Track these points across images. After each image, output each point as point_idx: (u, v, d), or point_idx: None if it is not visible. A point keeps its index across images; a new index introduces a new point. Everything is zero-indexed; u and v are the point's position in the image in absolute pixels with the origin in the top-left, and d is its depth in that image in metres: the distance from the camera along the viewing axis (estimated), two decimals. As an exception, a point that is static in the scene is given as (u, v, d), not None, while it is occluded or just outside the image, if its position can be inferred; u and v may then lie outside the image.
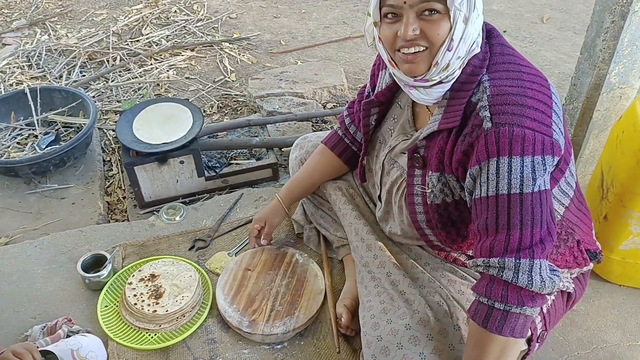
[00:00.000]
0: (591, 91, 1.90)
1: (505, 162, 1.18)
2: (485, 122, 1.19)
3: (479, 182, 1.23)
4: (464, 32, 1.21)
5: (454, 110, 1.28)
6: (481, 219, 1.24)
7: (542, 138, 1.18)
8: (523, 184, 1.18)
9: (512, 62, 1.28)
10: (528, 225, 1.19)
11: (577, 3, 4.03)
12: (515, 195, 1.18)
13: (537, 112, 1.19)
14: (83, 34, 3.65)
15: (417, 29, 1.20)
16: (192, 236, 2.08)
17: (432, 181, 1.36)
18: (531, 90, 1.22)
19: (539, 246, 1.20)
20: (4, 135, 2.61)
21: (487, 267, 1.22)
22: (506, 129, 1.17)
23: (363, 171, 1.71)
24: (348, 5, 4.05)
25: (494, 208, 1.21)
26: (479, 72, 1.26)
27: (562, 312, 1.52)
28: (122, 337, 1.72)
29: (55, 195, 2.40)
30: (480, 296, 1.24)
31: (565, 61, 3.33)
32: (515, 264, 1.19)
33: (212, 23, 3.81)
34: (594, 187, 1.89)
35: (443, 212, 1.38)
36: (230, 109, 3.03)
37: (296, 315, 1.74)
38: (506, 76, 1.25)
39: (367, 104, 1.56)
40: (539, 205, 1.19)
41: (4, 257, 2.02)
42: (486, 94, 1.23)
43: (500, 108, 1.19)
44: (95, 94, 3.09)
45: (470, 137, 1.23)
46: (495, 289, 1.21)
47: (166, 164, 2.25)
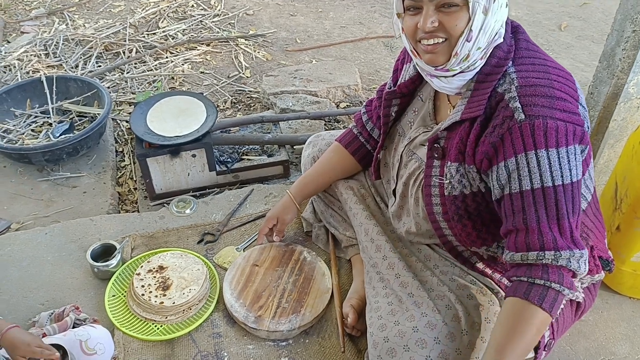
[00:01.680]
0: (608, 100, 1.88)
1: (544, 155, 1.20)
2: (518, 114, 1.21)
3: (518, 176, 1.23)
4: (484, 23, 1.23)
5: (478, 100, 1.29)
6: (528, 213, 1.23)
7: (573, 128, 1.21)
8: (563, 175, 1.21)
9: (537, 56, 1.31)
10: (572, 214, 1.23)
11: (596, 12, 4.01)
12: (559, 187, 1.22)
13: (565, 103, 1.22)
14: (100, 24, 3.67)
15: (436, 21, 1.23)
16: (201, 230, 2.08)
17: (450, 172, 1.36)
18: (558, 82, 1.25)
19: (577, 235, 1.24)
20: (19, 122, 2.62)
21: (557, 260, 1.23)
22: (540, 122, 1.19)
23: (378, 166, 1.70)
24: (365, 6, 4.05)
25: (542, 200, 1.22)
26: (504, 64, 1.28)
27: (570, 322, 1.51)
28: (129, 327, 1.73)
29: (67, 184, 2.41)
30: (520, 277, 1.25)
31: (583, 70, 3.31)
32: (579, 255, 1.23)
33: (229, 19, 3.81)
34: (608, 197, 1.88)
35: (460, 204, 1.37)
36: (243, 104, 3.03)
37: (302, 313, 1.74)
38: (532, 68, 1.27)
39: (389, 94, 1.57)
40: (577, 195, 1.24)
41: (15, 243, 2.03)
42: (514, 85, 1.24)
43: (530, 100, 1.22)
44: (110, 84, 3.10)
45: (501, 129, 1.24)
46: (566, 279, 1.24)
47: (178, 157, 2.25)
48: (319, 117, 2.72)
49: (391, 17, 3.86)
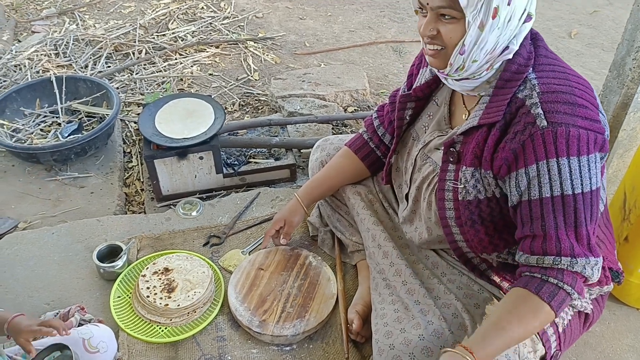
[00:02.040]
0: (618, 110, 1.87)
1: (565, 163, 1.21)
2: (540, 120, 1.22)
3: (538, 182, 1.24)
4: (480, 38, 1.23)
5: (497, 106, 1.29)
6: (547, 219, 1.24)
7: (594, 136, 1.22)
8: (583, 183, 1.22)
9: (556, 63, 1.31)
10: (590, 222, 1.25)
11: (607, 20, 3.99)
12: (578, 195, 1.23)
13: (587, 110, 1.23)
14: (110, 25, 3.69)
15: (435, 29, 1.27)
16: (207, 232, 2.08)
17: (465, 176, 1.36)
18: (579, 90, 1.26)
19: (593, 242, 1.26)
20: (28, 121, 2.64)
21: (574, 265, 1.24)
22: (563, 129, 1.20)
23: (389, 171, 1.70)
24: (374, 10, 4.05)
25: (561, 208, 1.23)
26: (524, 70, 1.28)
27: (578, 334, 1.50)
28: (133, 329, 1.73)
29: (74, 184, 2.42)
30: (533, 273, 1.26)
31: (592, 78, 3.29)
32: (595, 263, 1.25)
33: (238, 21, 3.82)
34: (616, 208, 1.86)
35: (474, 209, 1.37)
36: (251, 107, 3.03)
37: (307, 318, 1.74)
38: (553, 75, 1.28)
39: (404, 97, 1.57)
40: (596, 203, 1.25)
41: (22, 242, 2.04)
42: (535, 91, 1.25)
43: (552, 106, 1.22)
44: (119, 85, 3.12)
45: (523, 135, 1.24)
46: (578, 284, 1.25)
47: (185, 159, 2.26)
48: (326, 121, 2.71)
49: (400, 22, 3.87)
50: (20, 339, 1.41)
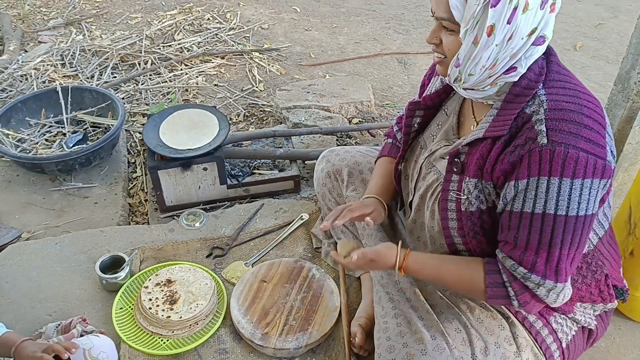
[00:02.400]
0: (623, 123, 1.86)
1: (556, 183, 1.20)
2: (541, 137, 1.21)
3: (524, 197, 1.24)
4: (474, 53, 1.23)
5: (504, 120, 1.29)
6: (522, 232, 1.26)
7: (594, 161, 1.20)
8: (569, 207, 1.21)
9: (568, 80, 1.30)
10: (567, 246, 1.24)
11: (612, 33, 3.99)
12: (560, 217, 1.22)
13: (592, 132, 1.21)
14: (117, 36, 3.71)
15: (438, 38, 1.30)
16: (211, 244, 2.08)
17: (468, 187, 1.35)
18: (587, 109, 1.24)
19: (571, 267, 1.27)
20: (34, 131, 2.65)
21: (526, 279, 1.27)
22: (562, 149, 1.19)
23: (399, 178, 1.69)
24: (379, 22, 4.06)
25: (539, 226, 1.24)
26: (535, 86, 1.27)
27: (582, 349, 1.49)
28: (135, 341, 1.73)
29: (78, 194, 2.42)
30: (509, 284, 1.30)
31: (597, 90, 3.28)
32: (552, 287, 1.26)
33: (244, 32, 3.84)
34: (621, 222, 1.85)
35: (476, 220, 1.37)
36: (256, 118, 3.04)
37: (309, 331, 1.73)
38: (563, 92, 1.27)
39: (413, 105, 1.58)
40: (580, 229, 1.23)
41: (25, 252, 2.04)
42: (543, 107, 1.24)
43: (557, 124, 1.21)
44: (124, 95, 3.13)
45: (522, 150, 1.23)
46: (523, 296, 1.29)
47: (189, 170, 2.26)
48: (331, 133, 2.71)
49: (405, 34, 3.88)
50: None
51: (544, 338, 1.43)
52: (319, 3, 4.28)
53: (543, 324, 1.44)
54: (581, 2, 4.38)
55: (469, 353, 1.37)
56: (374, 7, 4.25)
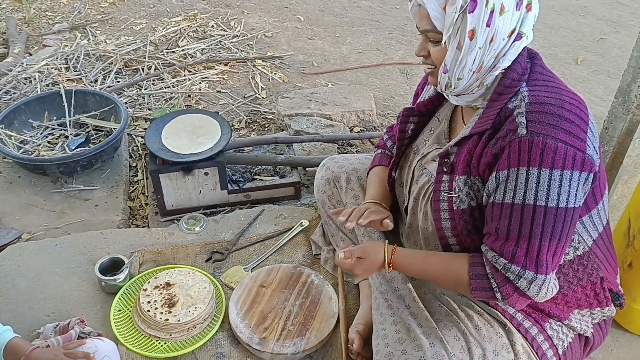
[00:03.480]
0: (623, 136, 1.87)
1: (535, 174, 1.22)
2: (521, 128, 1.24)
3: (504, 188, 1.27)
4: (459, 58, 1.29)
5: (487, 116, 1.33)
6: (503, 222, 1.29)
7: (573, 152, 1.21)
8: (549, 198, 1.23)
9: (551, 80, 1.34)
10: (547, 238, 1.25)
11: (613, 47, 4.01)
12: (540, 207, 1.24)
13: (572, 125, 1.23)
14: (121, 41, 3.73)
15: (425, 50, 1.37)
16: (210, 248, 2.08)
17: (458, 185, 1.38)
18: (569, 104, 1.27)
19: (553, 260, 1.27)
20: (36, 133, 2.66)
21: (507, 270, 1.29)
22: (540, 139, 1.21)
23: (393, 185, 1.70)
24: (382, 32, 4.08)
25: (519, 216, 1.26)
26: (517, 85, 1.31)
27: (578, 357, 1.48)
28: (133, 343, 1.73)
29: (79, 196, 2.43)
30: (492, 275, 1.32)
31: (598, 104, 3.30)
32: (532, 278, 1.27)
33: (248, 40, 3.86)
34: (620, 234, 1.85)
35: (468, 218, 1.39)
36: (258, 125, 3.05)
37: (307, 337, 1.73)
38: (545, 89, 1.30)
39: (407, 111, 1.62)
40: (561, 221, 1.24)
41: (24, 253, 2.05)
42: (524, 102, 1.28)
43: (536, 116, 1.24)
44: (127, 100, 3.14)
45: (503, 141, 1.27)
46: (505, 288, 1.30)
47: (191, 174, 2.27)
48: (332, 141, 2.73)
49: (408, 45, 3.90)
50: None
51: (539, 344, 1.43)
52: (322, 12, 4.30)
53: (539, 330, 1.44)
54: (583, 16, 4.41)
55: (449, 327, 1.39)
56: (377, 17, 4.27)
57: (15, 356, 1.42)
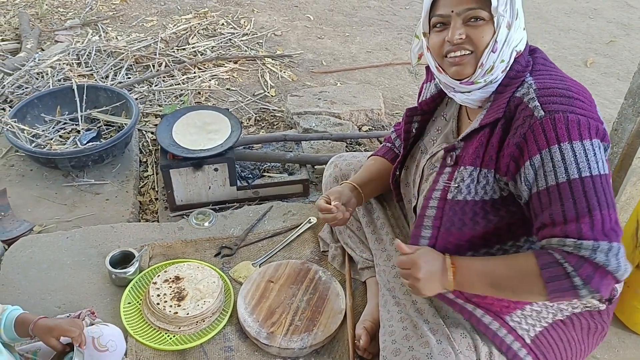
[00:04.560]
0: (632, 137, 1.88)
1: (568, 148, 1.22)
2: (537, 111, 1.25)
3: (544, 172, 1.24)
4: (507, 36, 1.29)
5: (497, 106, 1.33)
6: (555, 209, 1.23)
7: (595, 123, 1.24)
8: (590, 167, 1.21)
9: (554, 70, 1.36)
10: (605, 206, 1.21)
11: (623, 50, 4.00)
12: (587, 178, 1.21)
13: (584, 104, 1.26)
14: (132, 38, 3.76)
15: (463, 33, 1.30)
16: (219, 243, 2.10)
17: (462, 176, 1.36)
18: (575, 88, 1.29)
19: (617, 226, 1.22)
20: (49, 127, 2.69)
21: (579, 248, 1.20)
22: (561, 115, 1.22)
23: (398, 185, 1.71)
24: (392, 32, 4.09)
25: (569, 194, 1.21)
26: (522, 75, 1.33)
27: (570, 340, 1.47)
28: (142, 335, 1.74)
29: (90, 190, 2.45)
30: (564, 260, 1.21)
31: (607, 107, 3.30)
32: (609, 248, 1.19)
33: (257, 38, 3.88)
34: (628, 235, 1.86)
35: (458, 211, 1.36)
36: (267, 122, 3.07)
37: (314, 332, 1.74)
38: (550, 78, 1.32)
39: (410, 111, 1.62)
40: (608, 187, 1.23)
41: (36, 245, 2.07)
42: (532, 88, 1.29)
43: (549, 99, 1.26)
44: (138, 96, 3.17)
45: (523, 128, 1.26)
46: (584, 269, 1.19)
47: (200, 170, 2.29)
48: (340, 139, 2.74)
49: (417, 45, 3.90)
50: (50, 339, 1.44)
51: (502, 339, 1.42)
52: (332, 12, 4.32)
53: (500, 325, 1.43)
54: (593, 19, 4.41)
55: (474, 358, 1.38)
56: (387, 17, 4.28)
57: (25, 327, 1.46)
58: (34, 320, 1.45)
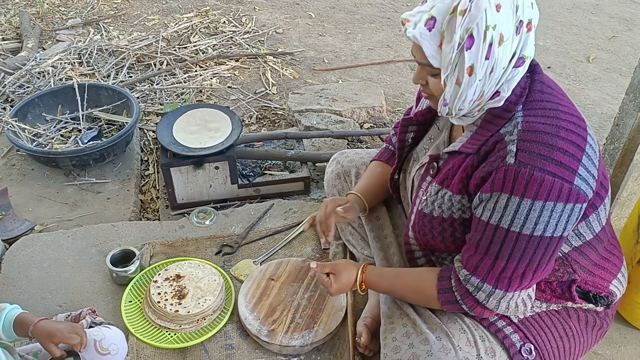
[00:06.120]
0: (634, 133, 1.87)
1: (516, 202, 1.23)
2: (509, 157, 1.23)
3: (485, 207, 1.28)
4: (459, 92, 1.25)
5: (478, 139, 1.33)
6: (476, 236, 1.32)
7: (560, 184, 1.20)
8: (524, 226, 1.24)
9: (550, 100, 1.30)
10: (515, 261, 1.28)
11: (625, 45, 3.98)
12: (513, 233, 1.25)
13: (565, 155, 1.22)
14: (134, 36, 3.76)
15: (423, 80, 1.33)
16: (220, 241, 2.10)
17: (431, 191, 1.41)
18: (565, 130, 1.24)
19: (519, 280, 1.30)
20: (50, 126, 2.69)
21: (467, 282, 1.34)
22: (527, 171, 1.21)
23: (397, 188, 1.72)
24: (394, 29, 4.08)
25: (490, 235, 1.29)
26: (513, 109, 1.29)
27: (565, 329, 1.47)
28: (143, 334, 1.75)
29: (91, 189, 2.46)
30: (456, 288, 1.36)
31: (609, 102, 3.28)
32: (490, 291, 1.32)
33: (259, 36, 3.87)
34: (629, 231, 1.85)
35: (427, 223, 1.43)
36: (268, 120, 3.07)
37: (315, 330, 1.74)
38: (542, 114, 1.27)
39: (406, 121, 1.62)
40: (534, 248, 1.26)
41: (37, 244, 2.08)
42: (517, 129, 1.26)
43: (528, 145, 1.23)
44: (139, 95, 3.17)
45: (491, 166, 1.27)
46: (468, 300, 1.35)
47: (201, 168, 2.28)
48: (342, 136, 2.74)
49: (419, 42, 3.89)
50: (50, 344, 1.43)
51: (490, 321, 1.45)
52: (333, 9, 4.31)
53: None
54: (595, 14, 4.39)
55: (474, 354, 1.38)
56: (388, 14, 4.27)
57: (25, 327, 1.45)
58: (34, 321, 1.45)
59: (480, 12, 1.16)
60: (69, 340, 1.43)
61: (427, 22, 1.22)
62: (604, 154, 1.97)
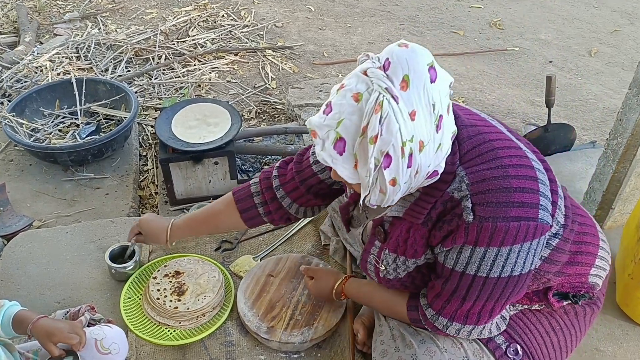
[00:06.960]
0: (637, 127, 1.85)
1: (481, 251, 1.21)
2: (467, 214, 1.19)
3: (448, 256, 1.26)
4: (385, 198, 1.17)
5: (424, 205, 1.26)
6: (441, 279, 1.31)
7: (526, 226, 1.18)
8: (491, 270, 1.22)
9: (481, 141, 1.24)
10: (482, 300, 1.27)
11: (628, 39, 3.96)
12: (480, 277, 1.24)
13: (523, 193, 1.18)
14: (132, 30, 3.73)
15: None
16: (220, 237, 2.09)
17: (387, 260, 1.38)
18: (512, 167, 1.21)
19: (488, 314, 1.30)
20: (48, 121, 2.67)
21: (434, 320, 1.35)
22: (489, 224, 1.17)
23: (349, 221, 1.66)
24: (394, 23, 4.06)
25: (456, 281, 1.27)
26: (453, 169, 1.22)
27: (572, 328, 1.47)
28: (142, 330, 1.74)
29: (90, 185, 2.44)
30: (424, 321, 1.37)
31: (611, 96, 3.27)
32: (459, 327, 1.33)
33: (258, 30, 3.85)
34: (632, 227, 1.84)
35: (396, 283, 1.42)
36: (268, 115, 3.05)
37: (315, 326, 1.73)
38: (482, 160, 1.22)
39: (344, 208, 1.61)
40: (502, 287, 1.25)
41: (35, 240, 2.06)
42: (464, 183, 1.20)
43: (482, 197, 1.18)
44: (138, 89, 3.15)
45: (449, 226, 1.23)
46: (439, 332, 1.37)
47: (200, 164, 2.27)
48: (342, 131, 2.72)
49: (420, 36, 3.87)
50: (50, 344, 1.41)
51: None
52: (333, 3, 4.28)
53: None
54: (597, 8, 4.36)
55: (461, 355, 1.37)
56: (389, 8, 4.25)
57: (23, 325, 1.43)
58: (33, 319, 1.43)
59: (393, 135, 1.06)
60: (69, 340, 1.41)
61: (335, 143, 1.11)
62: (607, 150, 1.95)
